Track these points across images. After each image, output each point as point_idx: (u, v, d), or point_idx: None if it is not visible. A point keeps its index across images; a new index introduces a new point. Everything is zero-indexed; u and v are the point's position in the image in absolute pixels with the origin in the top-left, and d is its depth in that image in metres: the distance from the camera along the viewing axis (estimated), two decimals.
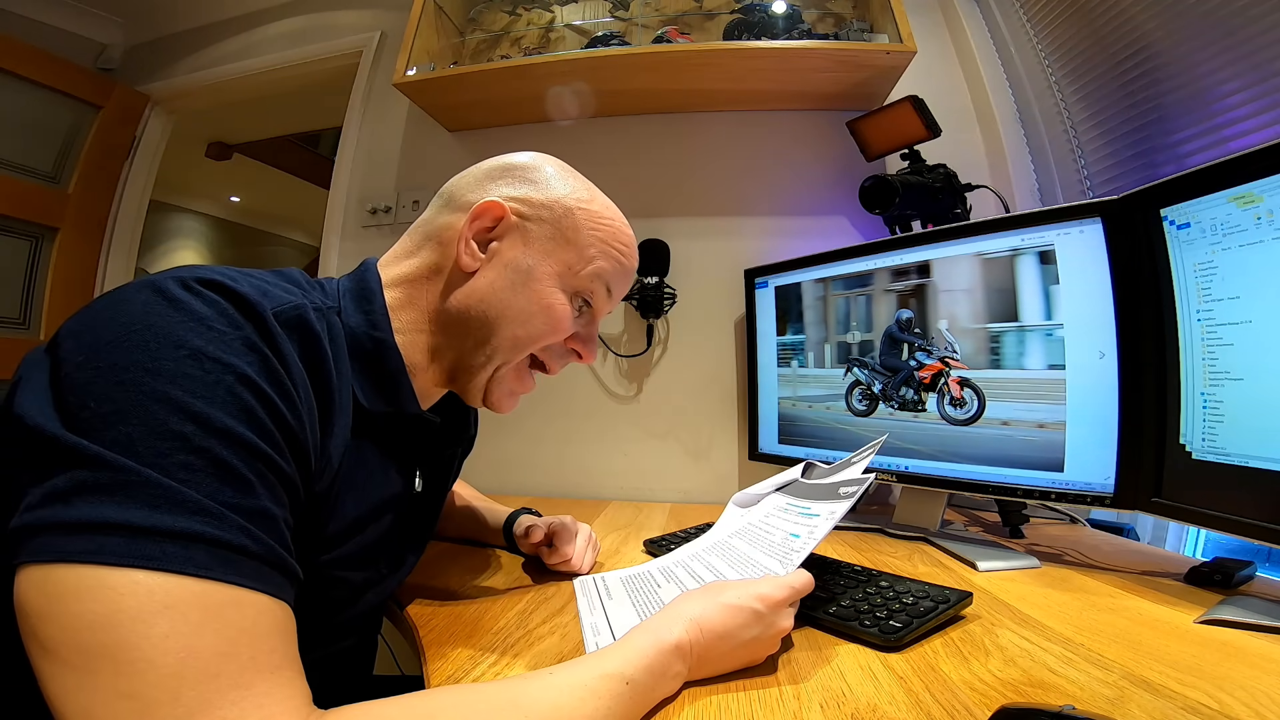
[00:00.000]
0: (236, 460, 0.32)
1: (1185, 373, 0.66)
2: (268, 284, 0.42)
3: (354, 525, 0.48)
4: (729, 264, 1.32)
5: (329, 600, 0.49)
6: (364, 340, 0.49)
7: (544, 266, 0.54)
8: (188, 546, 0.29)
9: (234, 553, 0.31)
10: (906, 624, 0.52)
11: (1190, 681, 0.45)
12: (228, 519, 0.31)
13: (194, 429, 0.31)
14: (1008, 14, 1.34)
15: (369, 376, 0.49)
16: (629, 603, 0.59)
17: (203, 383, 0.33)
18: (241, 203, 4.61)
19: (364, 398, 0.48)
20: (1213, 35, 0.90)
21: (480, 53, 1.54)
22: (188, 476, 0.31)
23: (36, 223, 1.83)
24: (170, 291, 0.35)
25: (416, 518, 0.61)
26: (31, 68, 1.78)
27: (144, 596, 0.28)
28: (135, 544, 0.28)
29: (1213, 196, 0.62)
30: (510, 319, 0.53)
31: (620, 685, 0.39)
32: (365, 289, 0.52)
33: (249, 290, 0.37)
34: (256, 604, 0.31)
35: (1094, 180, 1.17)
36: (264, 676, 0.30)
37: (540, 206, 0.55)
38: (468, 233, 0.53)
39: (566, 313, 0.55)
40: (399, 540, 0.58)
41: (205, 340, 0.34)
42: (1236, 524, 0.59)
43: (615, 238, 0.57)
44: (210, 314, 0.35)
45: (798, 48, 1.20)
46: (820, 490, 0.65)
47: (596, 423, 1.38)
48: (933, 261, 0.93)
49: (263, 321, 0.37)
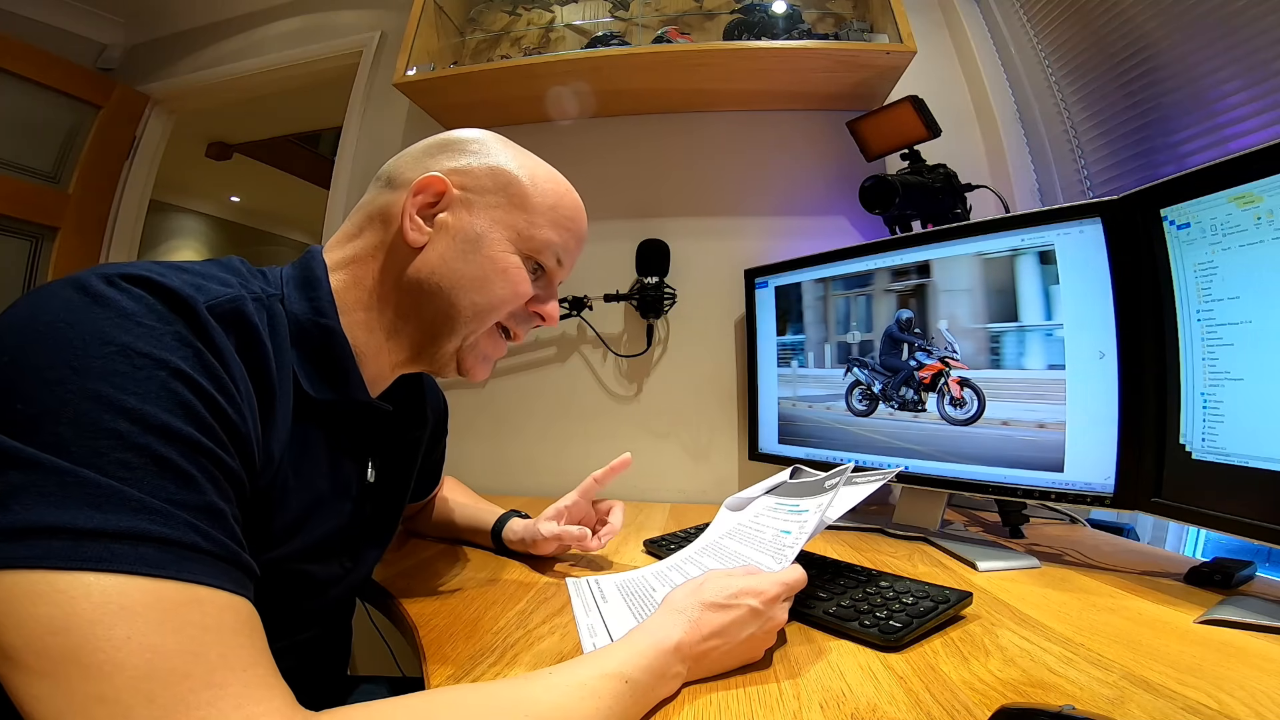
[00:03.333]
0: (177, 456, 0.31)
1: (1185, 373, 0.66)
2: (203, 277, 0.40)
3: (302, 518, 0.47)
4: (729, 264, 1.32)
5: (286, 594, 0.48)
6: (309, 327, 0.48)
7: (494, 232, 0.53)
8: (136, 546, 0.29)
9: (185, 550, 0.30)
10: (906, 624, 0.52)
11: (1190, 681, 0.45)
12: (174, 516, 0.30)
13: (129, 426, 0.30)
14: (1008, 14, 1.34)
15: (314, 364, 0.48)
16: (624, 605, 0.59)
17: (133, 379, 0.31)
18: (241, 203, 4.60)
19: (309, 386, 0.47)
20: (1213, 35, 0.90)
21: (480, 53, 1.54)
22: (127, 475, 0.30)
23: (36, 223, 1.83)
24: (94, 288, 0.33)
25: (373, 509, 0.59)
26: (31, 68, 1.78)
27: (98, 599, 0.27)
28: (81, 546, 0.27)
29: (1213, 196, 0.62)
30: (467, 287, 0.52)
31: (620, 685, 0.39)
32: (309, 275, 0.51)
33: (179, 284, 0.36)
34: (216, 601, 0.30)
35: (1094, 180, 1.17)
36: (236, 675, 0.29)
37: (482, 175, 0.54)
38: (411, 208, 0.52)
39: (523, 274, 0.54)
40: (356, 533, 0.56)
41: (133, 336, 0.32)
42: (1236, 524, 0.59)
43: (562, 206, 0.57)
44: (138, 309, 0.34)
45: (798, 48, 1.20)
46: (808, 488, 0.66)
47: (596, 423, 1.38)
48: (933, 261, 0.93)
49: (194, 315, 0.35)
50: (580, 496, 0.79)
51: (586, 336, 1.39)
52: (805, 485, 0.66)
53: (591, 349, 1.40)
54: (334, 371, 0.49)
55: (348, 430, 0.52)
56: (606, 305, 1.36)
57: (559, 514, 0.77)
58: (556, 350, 1.41)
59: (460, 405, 1.39)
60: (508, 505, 0.87)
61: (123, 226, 2.01)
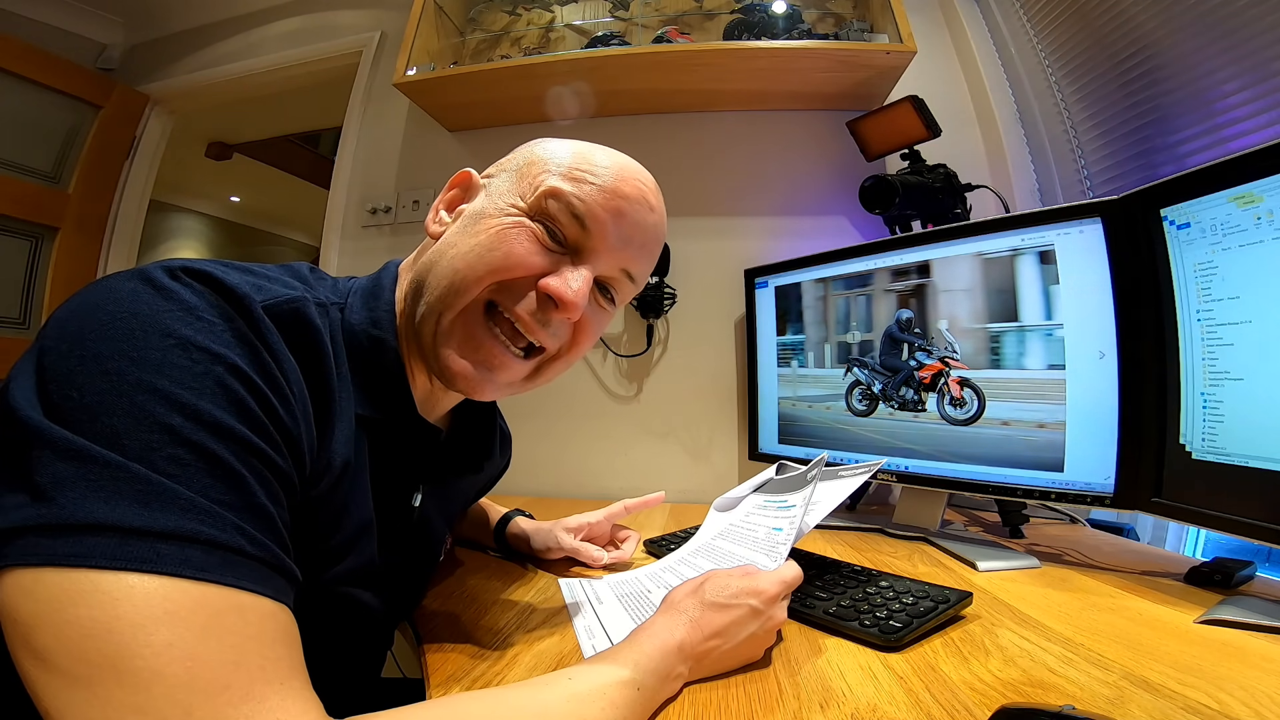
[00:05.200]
0: (229, 455, 0.31)
1: (1185, 373, 0.66)
2: (266, 279, 0.40)
3: (353, 538, 0.45)
4: (729, 264, 1.32)
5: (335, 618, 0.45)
6: (361, 338, 0.46)
7: (495, 203, 0.48)
8: (183, 547, 0.28)
9: (232, 554, 0.29)
10: (906, 624, 0.52)
11: (1190, 681, 0.45)
12: (222, 517, 0.29)
13: (182, 421, 0.30)
14: (1008, 14, 1.34)
15: (364, 376, 0.46)
16: (620, 607, 0.59)
17: (190, 373, 0.31)
18: (241, 203, 4.60)
19: (358, 401, 0.45)
20: (1213, 35, 0.90)
21: (480, 53, 1.54)
22: (178, 471, 0.29)
23: (36, 223, 1.83)
24: (158, 280, 0.33)
25: (416, 539, 0.56)
26: (31, 68, 1.78)
27: (141, 602, 0.26)
28: (127, 545, 0.27)
29: (1213, 196, 0.62)
30: (455, 257, 0.46)
31: (633, 692, 0.39)
32: (377, 285, 0.49)
33: (238, 282, 0.35)
34: (259, 609, 0.30)
35: (1094, 180, 1.17)
36: (274, 689, 0.28)
37: (508, 161, 0.52)
38: (439, 203, 0.51)
39: (522, 235, 0.45)
40: (398, 560, 0.52)
41: (194, 330, 0.32)
42: (1236, 524, 0.59)
43: (583, 160, 0.48)
44: (199, 304, 0.33)
45: (798, 48, 1.20)
46: (793, 483, 0.66)
47: (597, 423, 1.38)
48: (933, 261, 0.93)
49: (250, 314, 0.35)
50: (606, 519, 0.79)
51: None
52: (791, 480, 0.67)
53: (591, 349, 1.40)
54: (383, 386, 0.47)
55: (396, 452, 0.49)
56: None
57: (581, 528, 0.77)
58: None
59: None
60: (508, 505, 0.87)
61: (123, 226, 2.01)
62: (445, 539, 0.64)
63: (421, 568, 0.60)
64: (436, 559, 0.63)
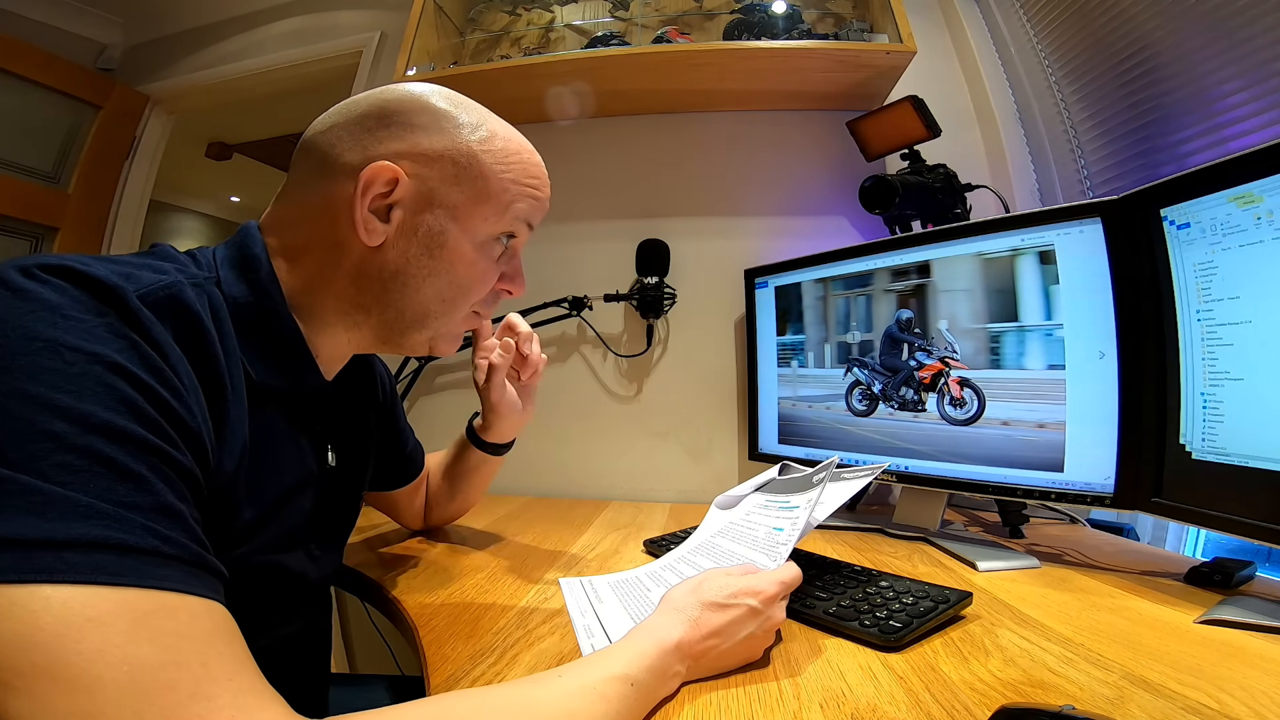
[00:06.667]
0: (123, 455, 0.29)
1: (1185, 373, 0.66)
2: (132, 266, 0.38)
3: (269, 509, 0.45)
4: (729, 264, 1.32)
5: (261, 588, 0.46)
6: (251, 310, 0.45)
7: (457, 225, 0.50)
8: (90, 554, 0.26)
9: (145, 555, 0.28)
10: (906, 624, 0.52)
11: (1190, 681, 0.45)
12: (127, 519, 0.28)
13: (66, 426, 0.28)
14: (1008, 14, 1.34)
15: (260, 349, 0.45)
16: (619, 605, 0.59)
17: (65, 375, 0.29)
18: (241, 203, 4.61)
19: (257, 372, 0.44)
20: (1213, 35, 0.90)
21: (480, 53, 1.54)
22: (70, 478, 0.27)
23: (36, 223, 1.83)
24: (13, 281, 0.31)
25: (337, 493, 0.57)
26: (31, 68, 1.78)
27: (59, 611, 0.25)
28: (30, 558, 0.25)
29: (1213, 196, 0.62)
30: (434, 283, 0.51)
31: (626, 688, 0.39)
32: (247, 255, 0.47)
33: (105, 274, 0.33)
34: (187, 607, 0.29)
35: (1094, 180, 1.17)
36: (222, 685, 0.28)
37: (436, 157, 0.49)
38: (362, 207, 0.46)
39: (490, 265, 0.53)
40: (323, 519, 0.55)
41: (61, 330, 0.30)
42: (1236, 524, 0.59)
43: (526, 173, 0.53)
44: (63, 302, 0.31)
45: (798, 48, 1.20)
46: (797, 484, 0.66)
47: (596, 423, 1.38)
48: (933, 261, 0.93)
49: (124, 305, 0.33)
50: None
51: (586, 336, 1.39)
52: (794, 481, 0.67)
53: (591, 349, 1.40)
54: (284, 356, 0.47)
55: (303, 415, 0.51)
56: (606, 305, 1.36)
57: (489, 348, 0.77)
58: (556, 350, 1.41)
59: (460, 405, 1.39)
60: (508, 505, 0.87)
61: (123, 226, 2.01)
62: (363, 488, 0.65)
63: (344, 523, 0.62)
64: (357, 511, 0.65)
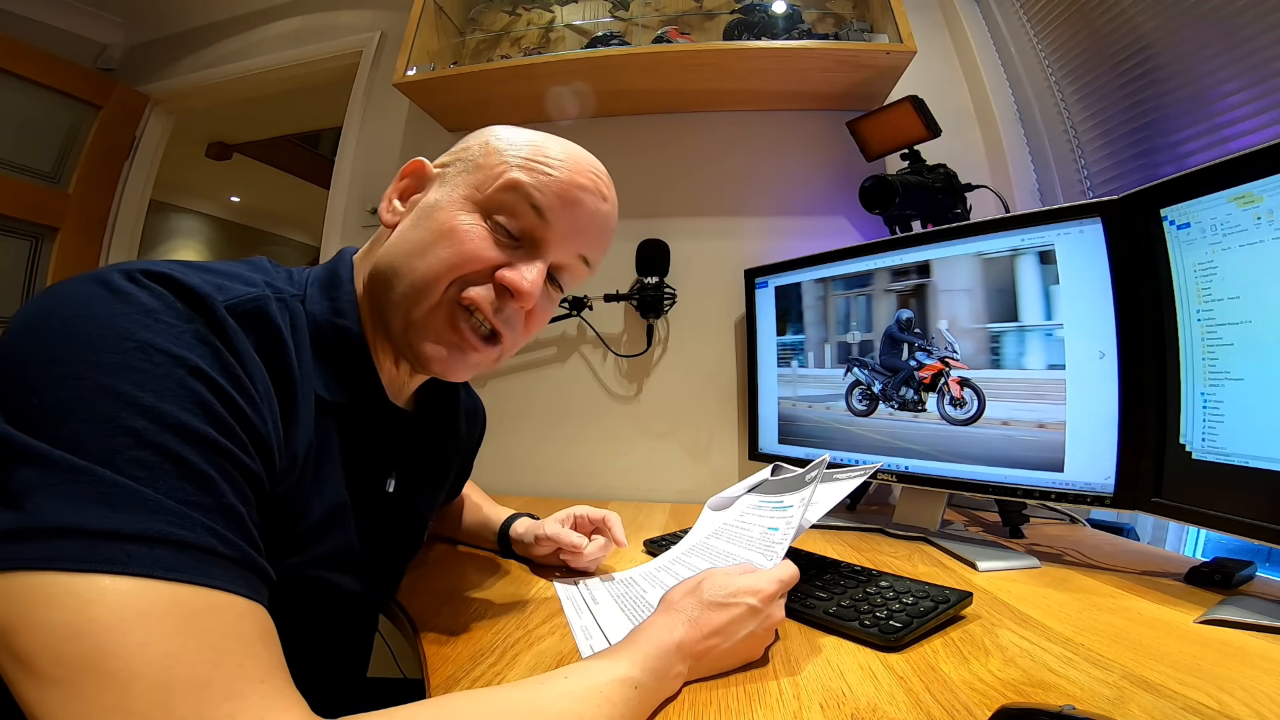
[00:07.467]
0: (194, 456, 0.31)
1: (1185, 373, 0.66)
2: (226, 276, 0.40)
3: (323, 523, 0.46)
4: (729, 264, 1.32)
5: (308, 602, 0.47)
6: (325, 327, 0.47)
7: (450, 196, 0.49)
8: (153, 548, 0.28)
9: (202, 554, 0.29)
10: (906, 624, 0.52)
11: (1190, 681, 0.45)
12: (191, 518, 0.29)
13: (146, 424, 0.30)
14: (1008, 14, 1.34)
15: (330, 365, 0.46)
16: (616, 607, 0.59)
17: (152, 376, 0.31)
18: (241, 203, 4.61)
19: (324, 388, 0.45)
20: (1213, 35, 0.90)
21: (480, 53, 1.54)
22: (144, 474, 0.29)
23: (36, 223, 1.83)
24: (115, 283, 0.33)
25: (394, 523, 0.57)
26: (31, 68, 1.78)
27: (113, 603, 0.26)
28: (95, 548, 0.27)
29: (1213, 196, 0.62)
30: (412, 252, 0.47)
31: (630, 690, 0.39)
32: (334, 276, 0.50)
33: (198, 283, 0.35)
34: (234, 607, 0.30)
35: (1094, 180, 1.17)
36: (255, 686, 0.28)
37: (462, 150, 0.52)
38: (392, 192, 0.51)
39: (475, 234, 0.47)
40: (377, 545, 0.54)
41: (153, 333, 0.32)
42: (1236, 524, 0.59)
43: (539, 152, 0.49)
44: (158, 306, 0.33)
45: (798, 48, 1.20)
46: (789, 484, 0.66)
47: (597, 423, 1.38)
48: (933, 261, 0.93)
49: (213, 314, 0.35)
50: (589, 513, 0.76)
51: (586, 336, 1.39)
52: (787, 481, 0.67)
53: (591, 349, 1.40)
54: (349, 373, 0.48)
55: (364, 436, 0.50)
56: (606, 305, 1.36)
57: (567, 518, 0.75)
58: (556, 350, 1.41)
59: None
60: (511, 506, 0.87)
61: (123, 226, 2.01)
62: (427, 521, 0.64)
63: (401, 551, 0.61)
64: (418, 542, 0.64)
